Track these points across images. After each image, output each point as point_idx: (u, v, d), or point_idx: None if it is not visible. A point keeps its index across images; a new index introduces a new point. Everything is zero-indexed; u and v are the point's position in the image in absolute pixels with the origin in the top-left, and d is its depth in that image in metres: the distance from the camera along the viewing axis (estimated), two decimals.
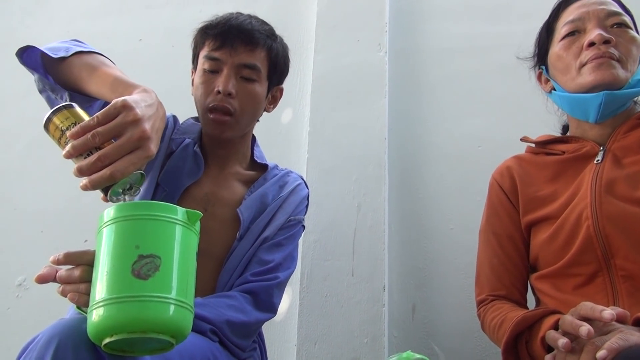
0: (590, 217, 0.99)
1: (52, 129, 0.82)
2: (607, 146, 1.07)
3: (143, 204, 0.76)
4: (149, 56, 2.15)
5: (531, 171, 1.16)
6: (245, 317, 1.05)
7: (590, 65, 1.05)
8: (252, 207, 1.19)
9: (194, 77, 1.23)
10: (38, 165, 2.05)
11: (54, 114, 0.81)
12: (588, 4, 1.12)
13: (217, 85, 1.14)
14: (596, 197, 1.01)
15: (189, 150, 1.21)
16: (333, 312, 1.49)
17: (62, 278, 0.77)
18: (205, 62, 1.17)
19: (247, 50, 1.16)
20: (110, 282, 0.69)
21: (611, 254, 0.97)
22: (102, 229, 0.74)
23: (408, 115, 1.79)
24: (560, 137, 1.16)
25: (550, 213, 1.07)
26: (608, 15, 1.09)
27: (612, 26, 1.08)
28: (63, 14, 2.34)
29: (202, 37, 1.20)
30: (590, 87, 1.06)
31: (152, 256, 0.70)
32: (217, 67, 1.16)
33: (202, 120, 1.20)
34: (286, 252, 1.20)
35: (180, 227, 0.75)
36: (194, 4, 2.20)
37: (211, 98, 1.15)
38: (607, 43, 1.05)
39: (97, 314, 0.68)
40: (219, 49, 1.15)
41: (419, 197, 1.67)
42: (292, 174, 1.32)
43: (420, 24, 1.94)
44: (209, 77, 1.16)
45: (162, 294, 0.69)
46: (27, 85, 2.21)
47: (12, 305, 1.83)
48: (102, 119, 0.77)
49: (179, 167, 1.18)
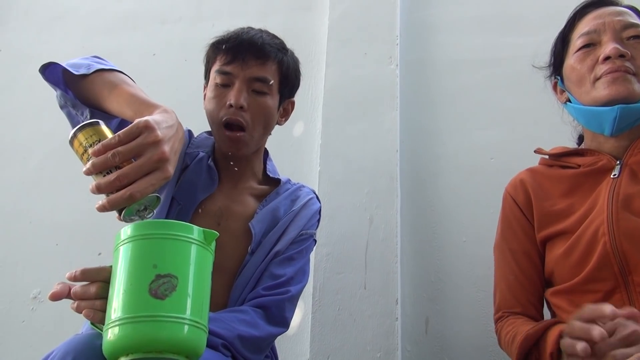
0: (607, 233, 0.98)
1: (76, 145, 0.83)
2: (624, 160, 1.05)
3: (161, 222, 0.77)
4: (162, 71, 2.17)
5: (545, 184, 1.15)
6: (257, 332, 1.04)
7: (605, 79, 1.04)
8: (263, 221, 1.19)
9: (206, 92, 1.24)
10: (53, 179, 2.07)
11: (79, 130, 0.82)
12: (604, 15, 1.10)
13: (229, 98, 1.14)
14: (613, 212, 0.99)
15: (203, 164, 1.22)
16: (346, 326, 1.48)
17: (77, 294, 0.77)
18: (217, 76, 1.17)
19: (258, 63, 1.17)
20: (126, 301, 0.69)
21: (629, 271, 0.95)
22: (119, 247, 0.74)
23: (420, 128, 1.78)
24: (575, 149, 1.15)
25: (566, 228, 1.06)
26: (624, 27, 1.07)
27: (629, 39, 1.07)
28: (79, 29, 2.38)
29: (214, 51, 1.21)
30: (605, 102, 1.05)
31: (169, 276, 0.70)
32: (228, 80, 1.17)
33: (217, 136, 1.20)
34: (298, 266, 1.19)
35: (196, 247, 0.75)
36: (207, 19, 2.23)
37: (224, 112, 1.15)
38: (623, 57, 1.04)
39: (112, 332, 0.69)
40: (231, 63, 1.16)
41: (431, 210, 1.66)
42: (304, 188, 1.32)
43: (432, 36, 1.94)
44: (221, 91, 1.17)
45: (178, 314, 0.69)
46: (43, 99, 2.25)
47: (27, 318, 1.84)
48: (123, 138, 0.77)
49: (193, 181, 1.19)
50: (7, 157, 2.17)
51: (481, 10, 1.93)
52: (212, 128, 1.21)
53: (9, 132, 2.23)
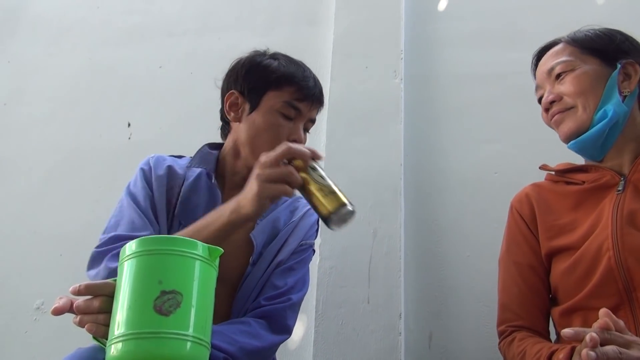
0: (611, 248, 0.97)
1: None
2: (628, 176, 1.05)
3: (165, 238, 0.77)
4: (168, 83, 2.19)
5: (550, 199, 1.15)
6: (259, 343, 1.05)
7: (554, 125, 1.12)
8: (264, 231, 1.20)
9: (243, 106, 1.21)
10: (58, 190, 2.08)
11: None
12: (540, 67, 1.17)
13: (293, 134, 1.19)
14: (617, 228, 0.99)
15: (202, 182, 1.21)
16: (349, 340, 1.48)
17: (80, 308, 0.76)
18: (284, 107, 1.18)
19: (317, 107, 1.25)
20: (131, 317, 0.69)
21: (633, 287, 0.95)
22: (124, 262, 0.74)
23: (424, 142, 1.79)
24: (579, 166, 1.15)
25: (570, 243, 1.05)
26: (550, 71, 1.12)
27: (557, 77, 1.10)
28: (86, 42, 2.41)
29: (284, 80, 1.20)
30: (565, 142, 1.12)
31: (174, 292, 0.70)
32: (294, 115, 1.20)
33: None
34: (298, 275, 1.20)
35: (200, 263, 0.75)
36: (213, 32, 2.25)
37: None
38: (553, 103, 1.10)
39: (116, 348, 0.68)
40: (302, 101, 1.20)
41: (435, 224, 1.66)
42: (301, 199, 1.32)
43: (436, 50, 1.95)
44: (283, 122, 1.19)
45: (181, 330, 0.69)
46: (49, 111, 2.28)
47: (30, 328, 1.84)
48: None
49: (194, 200, 1.18)
50: (13, 168, 2.18)
51: (485, 25, 1.94)
52: (255, 149, 1.17)
53: (15, 143, 2.25)
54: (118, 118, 2.15)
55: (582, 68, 1.08)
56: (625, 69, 1.07)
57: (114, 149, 2.10)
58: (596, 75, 1.07)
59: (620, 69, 1.07)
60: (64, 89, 2.31)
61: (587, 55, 1.09)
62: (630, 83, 1.07)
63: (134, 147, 2.08)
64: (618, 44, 1.09)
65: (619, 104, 1.03)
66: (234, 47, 2.15)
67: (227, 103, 1.23)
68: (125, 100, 2.20)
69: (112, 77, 2.28)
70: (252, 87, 1.21)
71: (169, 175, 1.20)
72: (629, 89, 1.06)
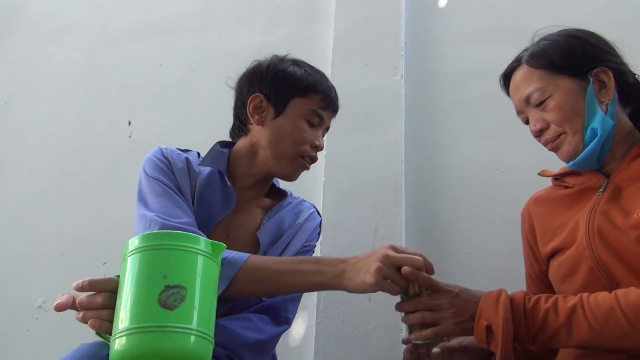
0: (587, 248, 0.99)
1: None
2: (611, 178, 1.06)
3: (168, 234, 0.77)
4: (169, 81, 2.19)
5: (548, 206, 1.18)
6: (261, 336, 1.07)
7: (550, 150, 1.11)
8: (270, 232, 1.22)
9: (268, 109, 1.22)
10: (59, 189, 2.08)
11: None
12: (512, 93, 1.16)
13: (316, 140, 1.24)
14: (590, 228, 1.00)
15: (215, 181, 1.20)
16: (350, 338, 1.48)
17: (83, 304, 0.77)
18: (309, 114, 1.22)
19: (333, 116, 1.31)
20: (135, 311, 0.70)
21: (616, 282, 0.96)
22: (127, 257, 0.75)
23: (424, 139, 1.79)
24: (573, 169, 1.15)
25: (558, 245, 1.08)
26: (527, 100, 1.10)
27: (538, 106, 1.09)
28: (86, 41, 2.41)
29: (310, 88, 1.23)
30: (566, 162, 1.11)
31: (178, 287, 0.71)
32: (317, 122, 1.24)
33: (287, 161, 1.22)
34: None
35: (203, 258, 0.75)
36: (214, 30, 2.25)
37: (307, 148, 1.23)
38: (541, 132, 1.09)
39: (120, 342, 0.69)
40: (325, 109, 1.25)
41: (436, 221, 1.66)
42: (305, 202, 1.37)
43: (436, 47, 1.95)
44: (307, 129, 1.23)
45: (185, 324, 0.70)
46: (50, 110, 2.28)
47: (32, 327, 1.85)
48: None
49: (209, 199, 1.18)
50: (14, 167, 2.19)
51: (486, 22, 1.94)
52: (279, 152, 1.21)
53: (16, 142, 2.25)
54: (118, 116, 2.16)
55: (558, 93, 1.06)
56: (597, 78, 1.06)
57: (115, 147, 2.10)
58: (574, 97, 1.05)
59: (594, 80, 1.05)
60: (65, 88, 2.31)
61: (556, 76, 1.07)
62: (608, 91, 1.05)
63: (135, 146, 2.08)
64: (581, 53, 1.07)
65: (604, 120, 1.03)
66: (235, 45, 2.17)
67: (250, 105, 1.23)
68: (125, 99, 2.20)
69: (113, 75, 2.28)
70: (279, 93, 1.22)
71: (188, 168, 1.20)
72: (609, 97, 1.05)
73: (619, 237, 0.95)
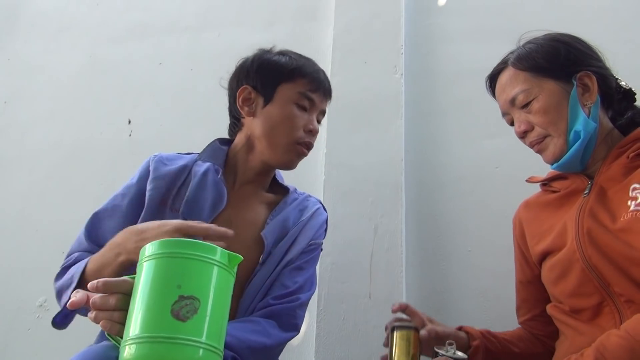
0: (577, 250, 1.00)
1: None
2: (595, 179, 1.07)
3: (186, 242, 0.76)
4: (168, 79, 2.19)
5: (536, 211, 1.20)
6: (268, 341, 1.05)
7: (535, 152, 1.13)
8: (274, 231, 1.20)
9: (257, 100, 1.23)
10: (59, 188, 2.08)
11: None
12: (499, 96, 1.17)
13: (309, 124, 1.22)
14: (578, 229, 1.01)
15: (208, 179, 1.21)
16: (350, 336, 1.48)
17: (96, 304, 0.76)
18: (299, 98, 1.21)
19: (327, 99, 1.29)
20: (147, 319, 0.69)
21: (607, 283, 0.97)
22: (143, 262, 0.74)
23: (424, 137, 1.79)
24: (559, 174, 1.17)
25: (547, 247, 1.09)
26: (512, 101, 1.12)
27: (523, 107, 1.10)
28: (86, 39, 2.41)
29: (297, 73, 1.22)
30: (549, 164, 1.12)
31: (192, 298, 0.69)
32: (308, 106, 1.23)
33: (282, 150, 1.21)
34: (307, 275, 1.21)
35: (219, 269, 0.74)
36: (213, 29, 2.25)
37: (302, 134, 1.21)
38: (525, 134, 1.11)
39: (129, 350, 0.68)
40: (315, 92, 1.23)
41: (436, 219, 1.66)
42: (311, 198, 1.34)
43: (436, 46, 1.95)
44: (299, 113, 1.22)
45: (196, 337, 0.69)
46: (50, 109, 2.28)
47: (33, 326, 1.85)
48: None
49: (200, 198, 1.19)
50: (14, 166, 2.19)
51: (485, 20, 1.94)
52: (273, 141, 1.21)
53: (16, 141, 2.25)
54: (118, 115, 2.16)
55: (542, 95, 1.08)
56: (581, 81, 1.07)
57: (115, 146, 2.10)
58: (558, 99, 1.07)
59: (577, 84, 1.07)
60: (64, 87, 2.31)
61: (541, 79, 1.09)
62: (591, 94, 1.07)
63: (135, 144, 2.08)
64: (565, 57, 1.09)
65: (586, 122, 1.04)
66: (234, 43, 2.17)
67: (239, 98, 1.24)
68: (125, 97, 2.20)
69: (113, 74, 2.28)
70: (265, 81, 1.23)
71: (180, 173, 1.22)
72: (592, 100, 1.07)
73: (608, 240, 0.96)
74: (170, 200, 1.18)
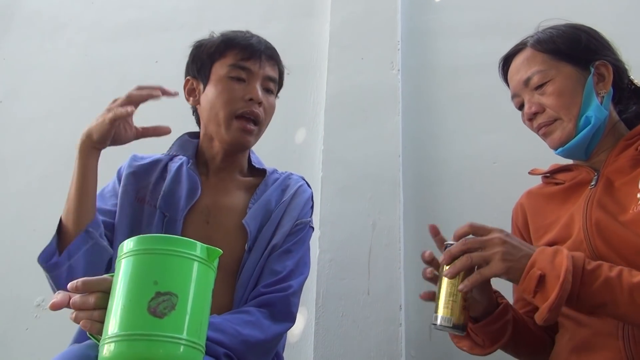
0: (584, 240, 1.00)
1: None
2: (601, 171, 1.07)
3: (164, 238, 0.75)
4: (164, 78, 2.16)
5: (540, 202, 1.19)
6: (263, 335, 1.03)
7: (541, 136, 1.13)
8: (257, 216, 1.18)
9: (203, 87, 1.23)
10: (57, 187, 2.06)
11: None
12: (512, 76, 1.16)
13: (247, 93, 1.17)
14: (587, 220, 1.01)
15: (182, 171, 1.22)
16: (349, 332, 1.48)
17: (76, 304, 0.76)
18: (231, 71, 1.18)
19: (271, 64, 1.23)
20: (124, 318, 0.68)
21: None
22: (121, 259, 0.73)
23: (422, 133, 1.78)
24: (564, 166, 1.17)
25: (552, 239, 1.08)
26: (526, 82, 1.11)
27: (536, 89, 1.10)
28: (81, 37, 2.40)
29: (225, 46, 1.21)
30: (554, 149, 1.12)
31: (169, 294, 0.69)
32: (245, 76, 1.19)
33: (224, 127, 1.18)
34: (297, 258, 1.18)
35: (198, 264, 0.73)
36: (209, 26, 2.23)
37: (240, 105, 1.17)
38: (535, 116, 1.10)
39: (108, 349, 0.68)
40: (248, 60, 1.19)
41: (434, 215, 1.66)
42: (293, 176, 1.32)
43: (433, 41, 1.94)
44: (233, 85, 1.18)
45: (175, 334, 0.68)
46: (47, 107, 2.27)
47: (31, 325, 1.84)
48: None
49: (175, 190, 1.19)
50: (11, 165, 2.18)
51: (482, 16, 1.94)
52: (216, 121, 1.19)
53: (13, 139, 2.24)
54: None
55: (559, 78, 1.08)
56: (598, 70, 1.08)
57: None
58: (574, 84, 1.07)
59: (594, 71, 1.08)
60: (60, 86, 2.30)
61: (559, 62, 1.09)
62: (605, 84, 1.08)
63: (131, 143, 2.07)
64: (586, 44, 1.10)
65: (599, 109, 1.05)
66: None
67: (185, 91, 1.26)
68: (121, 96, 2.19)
69: (108, 72, 2.27)
70: (201, 66, 1.23)
71: (152, 170, 1.24)
72: (605, 90, 1.08)
73: (618, 230, 0.96)
74: (148, 197, 1.18)
